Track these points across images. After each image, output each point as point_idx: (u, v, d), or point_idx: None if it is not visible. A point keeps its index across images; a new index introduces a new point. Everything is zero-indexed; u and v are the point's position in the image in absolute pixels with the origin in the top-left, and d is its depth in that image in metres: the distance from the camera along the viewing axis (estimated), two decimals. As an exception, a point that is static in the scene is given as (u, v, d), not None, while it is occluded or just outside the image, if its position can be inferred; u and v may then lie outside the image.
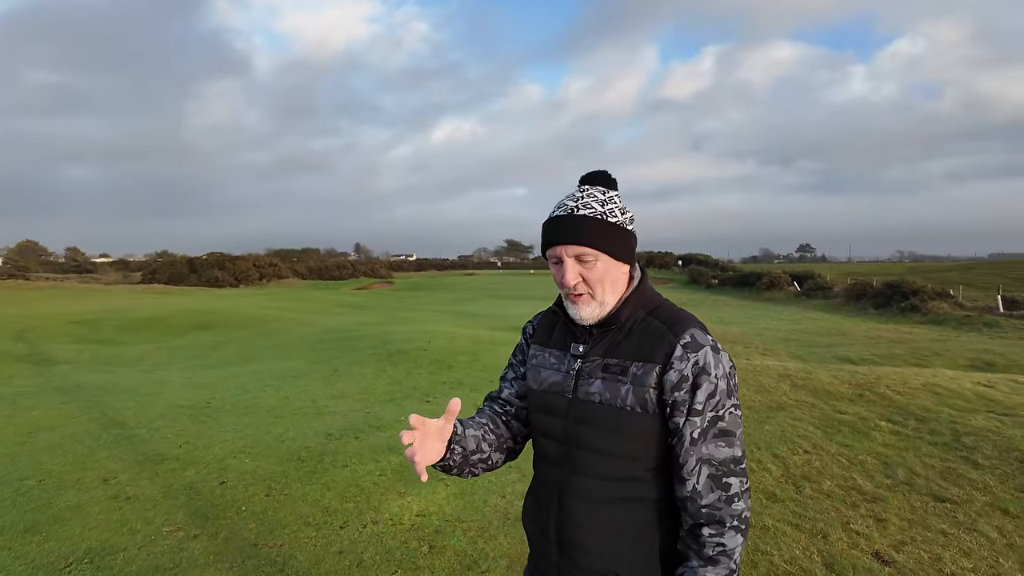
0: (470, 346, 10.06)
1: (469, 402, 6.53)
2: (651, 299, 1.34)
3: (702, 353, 1.22)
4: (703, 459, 1.21)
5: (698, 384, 1.21)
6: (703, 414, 1.22)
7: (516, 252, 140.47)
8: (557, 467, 1.35)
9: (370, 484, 4.15)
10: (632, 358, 1.27)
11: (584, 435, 1.30)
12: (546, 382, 1.40)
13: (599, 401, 1.28)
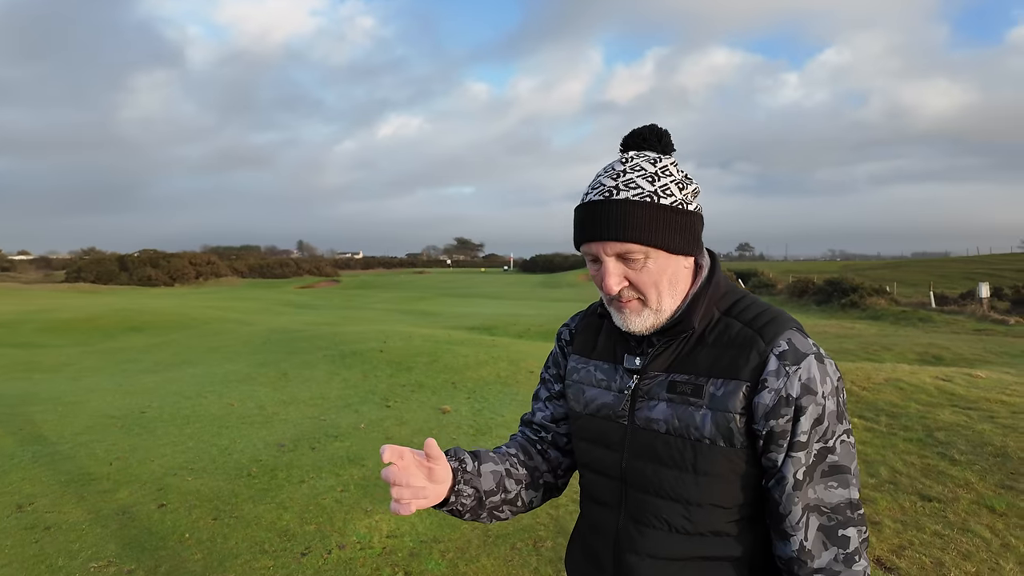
0: (428, 346, 9.67)
1: (429, 406, 6.19)
2: (727, 293, 1.04)
3: (805, 365, 0.93)
4: (811, 506, 0.93)
5: (802, 408, 0.92)
6: (808, 447, 0.92)
7: (466, 250, 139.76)
8: (614, 512, 1.06)
9: (332, 502, 3.76)
10: (708, 373, 0.97)
11: (648, 475, 1.00)
12: (593, 404, 1.10)
13: (665, 431, 0.98)
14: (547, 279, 52.75)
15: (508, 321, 14.87)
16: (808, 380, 0.92)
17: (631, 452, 1.03)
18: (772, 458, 0.94)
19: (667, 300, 1.00)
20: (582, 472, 1.15)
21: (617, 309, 1.02)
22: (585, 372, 1.13)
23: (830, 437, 0.93)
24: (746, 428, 0.94)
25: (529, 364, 7.93)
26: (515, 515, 1.14)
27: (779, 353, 0.93)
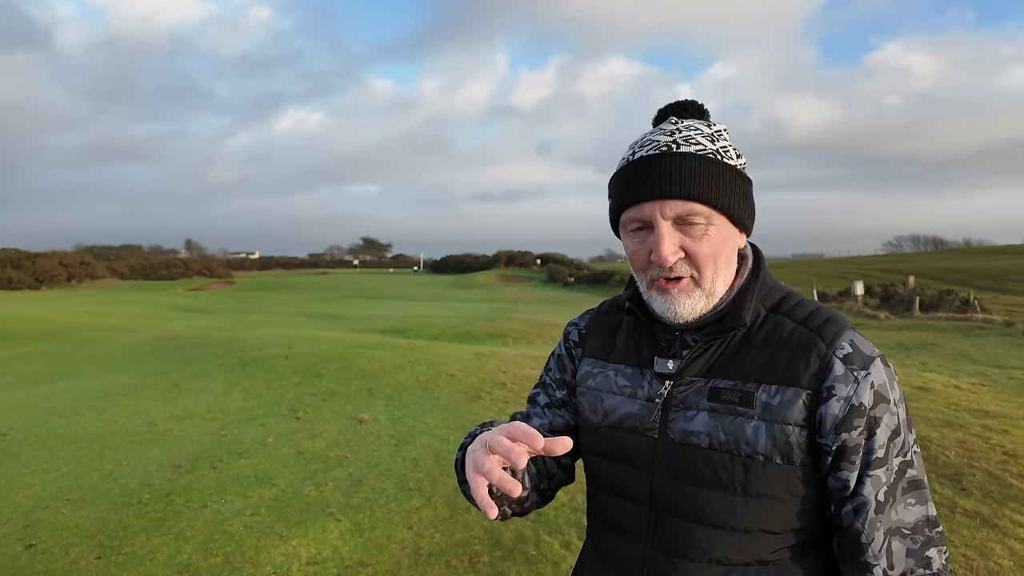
0: (339, 351, 9.18)
1: (343, 415, 5.82)
2: (773, 288, 0.92)
3: (874, 370, 0.82)
4: (893, 529, 0.81)
5: (877, 419, 0.81)
6: (888, 463, 0.81)
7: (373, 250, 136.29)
8: (640, 543, 0.90)
9: (241, 528, 3.38)
10: (758, 379, 0.84)
11: (687, 498, 0.86)
12: (614, 414, 0.94)
13: (708, 445, 0.85)
14: (459, 280, 52.43)
15: (423, 323, 14.51)
16: (880, 387, 0.82)
17: (664, 471, 0.88)
18: (843, 477, 0.81)
19: (720, 282, 0.87)
20: (596, 495, 0.99)
21: (660, 291, 0.87)
22: (603, 378, 0.98)
23: (907, 449, 0.83)
24: (808, 442, 0.82)
25: (449, 367, 7.71)
26: (512, 516, 0.97)
27: (843, 356, 0.82)
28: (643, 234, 0.87)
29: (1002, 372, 7.83)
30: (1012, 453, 4.36)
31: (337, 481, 4.07)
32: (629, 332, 0.98)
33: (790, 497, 0.83)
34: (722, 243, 0.86)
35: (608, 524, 0.96)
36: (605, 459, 0.96)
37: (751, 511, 0.83)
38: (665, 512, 0.88)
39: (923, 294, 20.46)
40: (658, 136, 0.87)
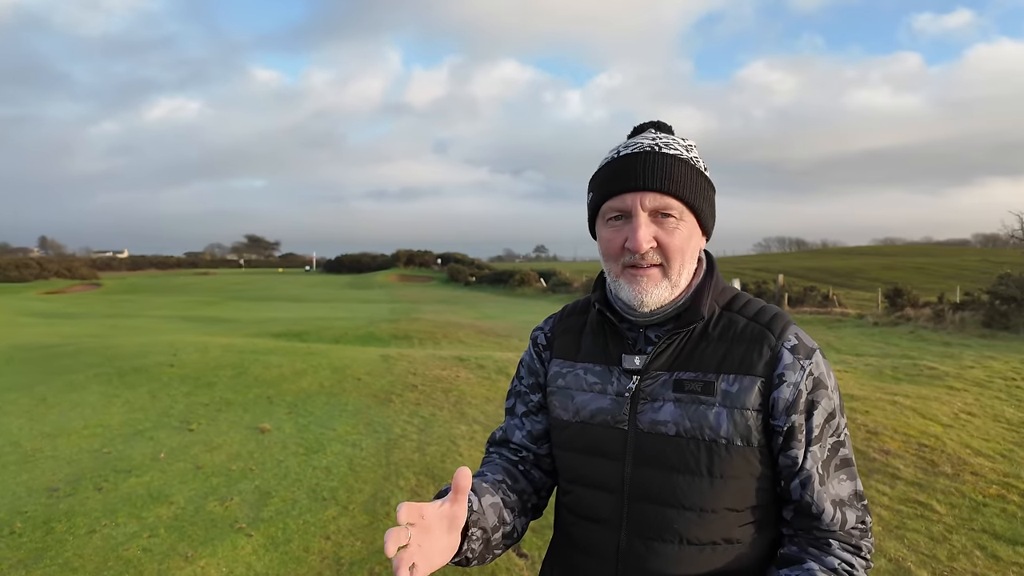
0: (231, 357, 8.64)
1: (242, 425, 5.51)
2: (725, 288, 1.02)
3: (815, 360, 0.93)
4: (838, 501, 0.93)
5: (816, 402, 0.92)
6: (823, 441, 0.92)
7: (260, 249, 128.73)
8: (613, 530, 0.96)
9: (138, 552, 3.11)
10: (717, 369, 0.93)
11: (656, 482, 0.93)
12: (586, 410, 1.00)
13: (675, 433, 0.92)
14: (355, 280, 50.87)
15: (320, 326, 13.95)
16: (820, 375, 0.93)
17: (635, 460, 0.95)
18: (792, 455, 0.91)
19: (684, 276, 0.96)
20: (569, 488, 1.04)
21: (630, 279, 0.94)
22: (573, 377, 1.03)
23: (840, 431, 0.94)
24: (763, 425, 0.91)
25: (355, 371, 7.50)
26: (507, 549, 1.00)
27: (791, 347, 0.93)
28: (620, 223, 0.95)
29: (860, 359, 8.85)
30: (874, 431, 4.96)
31: (243, 495, 3.86)
32: (595, 332, 1.04)
33: (749, 476, 0.92)
34: (688, 239, 0.95)
35: (581, 515, 1.01)
36: (578, 453, 1.01)
37: (716, 491, 0.91)
38: (637, 499, 0.95)
39: (790, 291, 22.55)
40: (642, 140, 0.96)
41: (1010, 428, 5.29)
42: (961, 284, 23.91)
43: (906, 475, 4.19)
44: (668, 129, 1.01)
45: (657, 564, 0.93)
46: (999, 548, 3.25)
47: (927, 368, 7.68)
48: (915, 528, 3.47)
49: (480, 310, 22.25)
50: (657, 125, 1.01)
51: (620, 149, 0.97)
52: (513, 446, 1.12)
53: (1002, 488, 3.97)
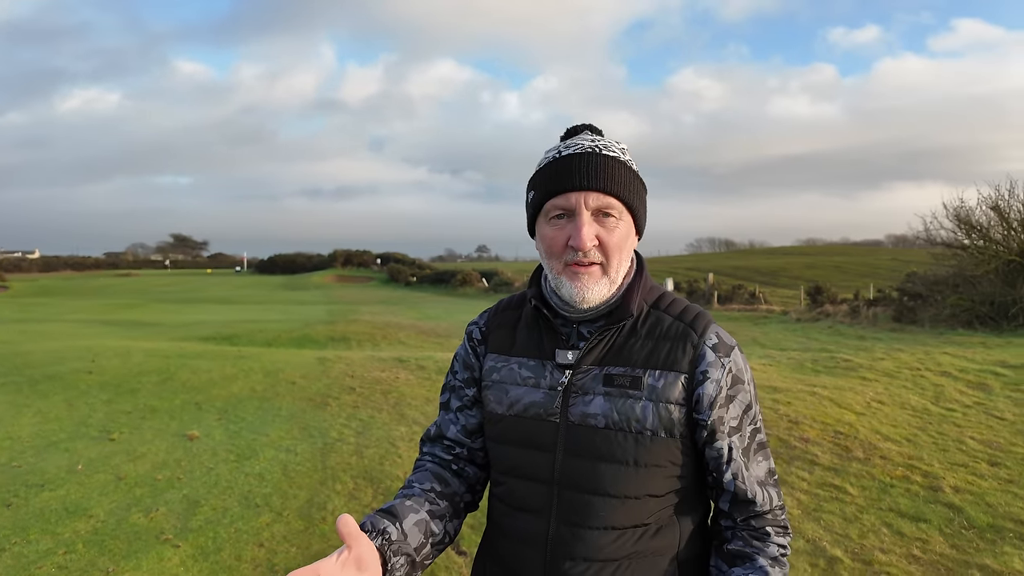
0: (156, 362, 8.23)
1: (169, 433, 5.27)
2: (653, 288, 1.07)
3: (734, 357, 1.00)
4: (761, 481, 1.01)
5: (734, 396, 0.99)
6: (742, 430, 1.00)
7: (186, 248, 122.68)
8: (543, 518, 1.00)
9: (53, 569, 2.94)
10: (645, 365, 0.98)
11: (584, 471, 0.97)
12: (520, 404, 1.03)
13: (605, 425, 0.97)
14: (290, 281, 49.33)
15: (252, 329, 13.48)
16: (738, 370, 1.00)
17: (565, 451, 0.99)
18: (718, 447, 0.98)
19: (621, 273, 1.00)
20: (502, 480, 1.07)
21: (572, 277, 0.98)
22: (508, 371, 1.06)
23: (756, 419, 1.02)
24: (686, 418, 0.97)
25: (289, 374, 7.29)
26: (440, 554, 1.02)
27: (712, 346, 0.99)
28: (563, 221, 0.98)
29: (783, 354, 9.34)
30: (795, 420, 5.26)
31: (170, 505, 3.70)
32: (530, 327, 1.07)
33: (671, 465, 0.98)
34: (626, 238, 1.00)
35: (513, 505, 1.05)
36: (511, 445, 1.04)
37: (640, 479, 0.97)
38: (566, 488, 0.99)
39: (720, 289, 23.52)
40: (581, 141, 1.00)
41: (915, 414, 5.72)
42: (874, 282, 25.60)
43: (823, 461, 4.47)
44: (600, 132, 1.05)
45: (583, 549, 0.97)
46: (903, 525, 3.52)
47: (843, 361, 8.19)
48: (830, 510, 3.71)
49: (421, 310, 22.06)
50: (590, 128, 1.05)
51: (561, 149, 1.00)
52: (447, 442, 1.14)
53: (907, 470, 4.30)
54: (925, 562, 3.11)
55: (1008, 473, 4.28)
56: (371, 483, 4.08)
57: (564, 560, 0.98)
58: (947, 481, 4.09)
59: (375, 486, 4.02)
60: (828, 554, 3.17)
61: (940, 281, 12.89)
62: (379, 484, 4.05)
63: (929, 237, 13.38)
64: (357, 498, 3.84)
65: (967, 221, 12.45)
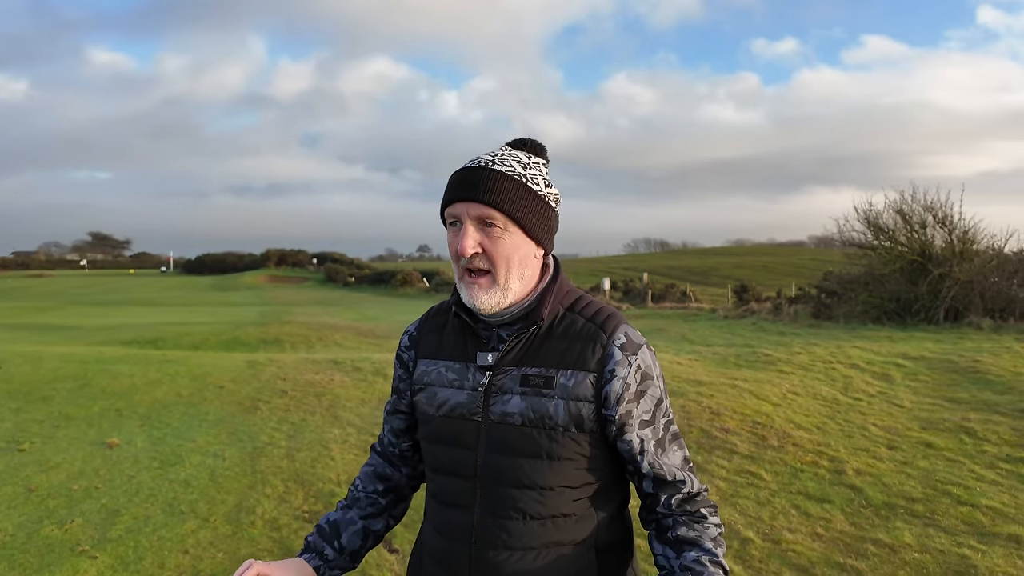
0: (71, 368, 7.78)
1: (86, 441, 5.03)
2: (570, 291, 1.14)
3: (642, 354, 1.07)
4: (678, 466, 1.08)
5: (644, 391, 1.06)
6: (655, 423, 1.07)
7: (106, 248, 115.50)
8: (466, 512, 1.08)
9: (-46, 589, 2.78)
10: (558, 365, 1.05)
11: (503, 466, 1.05)
12: (447, 405, 1.10)
13: (521, 423, 1.04)
14: (220, 281, 47.37)
15: (178, 332, 12.91)
16: (646, 367, 1.07)
17: (487, 448, 1.06)
18: (628, 439, 1.05)
19: (515, 281, 1.05)
20: (432, 477, 1.15)
21: (468, 285, 1.05)
22: (436, 374, 1.13)
23: (668, 411, 1.10)
24: (595, 414, 1.04)
25: (217, 378, 7.06)
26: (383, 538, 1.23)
27: (620, 345, 1.06)
28: (456, 229, 1.06)
29: (709, 349, 9.77)
30: (717, 412, 5.55)
31: (87, 515, 3.55)
32: (456, 332, 1.14)
33: (582, 458, 1.06)
34: (515, 248, 1.05)
35: (442, 501, 1.12)
36: (439, 444, 1.12)
37: (554, 472, 1.04)
38: (488, 482, 1.06)
39: (654, 288, 24.29)
40: (483, 156, 1.07)
41: (825, 404, 6.15)
42: (797, 281, 27.08)
43: (741, 450, 4.74)
44: (534, 146, 1.11)
45: (505, 539, 1.05)
46: (810, 506, 3.80)
47: (763, 355, 8.67)
48: (746, 495, 3.95)
49: (360, 311, 21.70)
50: (522, 142, 1.11)
51: (466, 163, 1.08)
52: (387, 442, 1.26)
53: (816, 456, 4.63)
54: (827, 539, 3.38)
55: (903, 456, 4.68)
56: (302, 486, 4.03)
57: (488, 550, 1.05)
58: (850, 465, 4.43)
59: (306, 489, 3.99)
60: (741, 535, 3.39)
61: (853, 280, 13.79)
62: (311, 487, 4.02)
63: (843, 238, 14.30)
64: (288, 501, 3.80)
65: (875, 224, 13.37)
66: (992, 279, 11.68)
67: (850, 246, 14.16)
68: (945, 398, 6.34)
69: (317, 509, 3.68)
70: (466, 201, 1.03)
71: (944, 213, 12.59)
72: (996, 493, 3.95)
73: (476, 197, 1.02)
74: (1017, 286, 11.51)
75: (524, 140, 1.12)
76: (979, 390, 6.55)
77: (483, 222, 1.04)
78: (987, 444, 4.88)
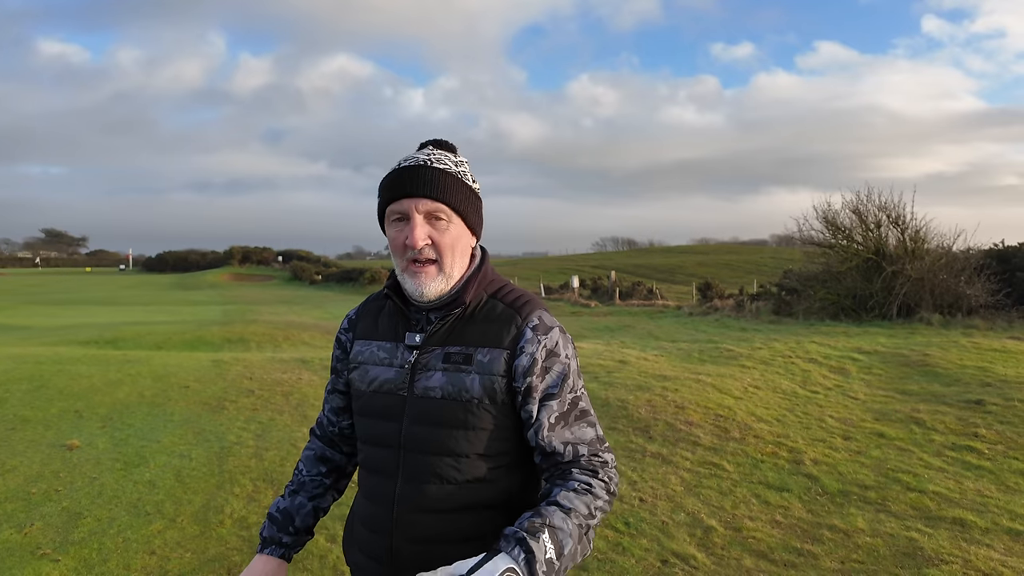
0: (26, 369, 7.53)
1: (44, 444, 4.89)
2: (494, 280, 1.23)
3: (551, 335, 1.15)
4: (571, 442, 1.14)
5: (550, 367, 1.14)
6: (561, 396, 1.14)
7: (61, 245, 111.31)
8: (392, 479, 1.16)
9: (-91, 596, 2.69)
10: (477, 344, 1.14)
11: (424, 436, 1.13)
12: (376, 381, 1.19)
13: (441, 396, 1.13)
14: (181, 280, 46.16)
15: (139, 331, 12.56)
16: (554, 346, 1.15)
17: (410, 419, 1.14)
18: (529, 409, 1.13)
19: (457, 267, 1.16)
20: (362, 448, 1.23)
21: (413, 274, 1.13)
22: (369, 353, 1.22)
23: (577, 389, 1.17)
24: (507, 387, 1.13)
25: (182, 378, 6.93)
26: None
27: (532, 326, 1.15)
28: (401, 224, 1.14)
29: (674, 345, 9.98)
30: (681, 406, 5.69)
31: (48, 519, 3.47)
32: (390, 315, 1.24)
33: (495, 428, 1.14)
34: (458, 238, 1.15)
35: (370, 469, 1.21)
36: (368, 418, 1.21)
37: (470, 441, 1.13)
38: (410, 451, 1.15)
39: (621, 286, 24.59)
40: (418, 155, 1.16)
41: (784, 397, 6.36)
42: (759, 278, 27.73)
43: (705, 442, 4.89)
44: (448, 146, 1.21)
45: (425, 503, 1.13)
46: (770, 495, 3.95)
47: (726, 350, 8.89)
48: (709, 486, 4.08)
49: (327, 310, 21.43)
50: (436, 143, 1.21)
51: (401, 162, 1.17)
52: (327, 423, 1.35)
53: (775, 447, 4.80)
54: (785, 526, 3.52)
55: (857, 445, 4.88)
56: (271, 485, 4.01)
57: (409, 512, 1.14)
58: (808, 455, 4.61)
59: (276, 488, 3.96)
60: (705, 524, 3.51)
61: (812, 277, 14.22)
62: (279, 485, 4.00)
63: (802, 237, 14.72)
64: (257, 500, 3.78)
65: (833, 223, 13.82)
66: (941, 276, 12.18)
67: (809, 245, 14.59)
68: (897, 390, 6.63)
69: (287, 507, 3.67)
70: (414, 197, 1.12)
71: (897, 213, 13.08)
72: (942, 479, 4.17)
73: (425, 193, 1.11)
74: (964, 283, 12.03)
75: (439, 140, 1.22)
76: (928, 382, 6.86)
77: (431, 216, 1.13)
78: (935, 433, 5.14)
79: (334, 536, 3.29)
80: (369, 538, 1.19)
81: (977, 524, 3.48)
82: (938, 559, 3.09)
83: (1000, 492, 3.97)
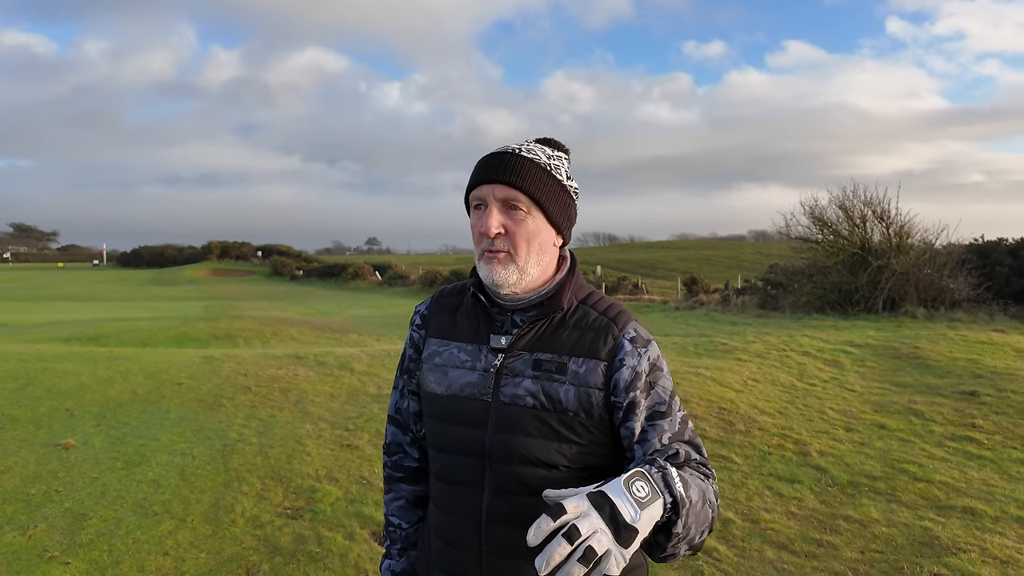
0: (9, 367, 7.30)
1: (38, 443, 4.74)
2: (583, 286, 1.18)
3: (652, 348, 1.10)
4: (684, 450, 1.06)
5: (655, 382, 1.08)
6: (671, 417, 1.08)
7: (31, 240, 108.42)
8: (476, 489, 1.09)
9: (-87, 603, 2.58)
10: (570, 353, 1.08)
11: (513, 445, 1.07)
12: (456, 384, 1.12)
13: (532, 405, 1.06)
14: (158, 275, 45.29)
15: (121, 328, 12.27)
16: (655, 360, 1.10)
17: (494, 427, 1.08)
18: (631, 426, 1.06)
19: (533, 264, 1.09)
20: (436, 457, 1.16)
21: (487, 261, 1.08)
22: (448, 354, 1.15)
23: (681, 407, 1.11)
24: (604, 401, 1.07)
25: (175, 375, 6.77)
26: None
27: (630, 338, 1.09)
28: (481, 211, 1.09)
29: (667, 339, 10.02)
30: (684, 399, 5.70)
31: (51, 520, 3.36)
32: (469, 314, 1.16)
33: (588, 442, 1.07)
34: (536, 232, 1.08)
35: (448, 480, 1.14)
36: (446, 423, 1.13)
37: (563, 453, 1.06)
38: (497, 460, 1.08)
39: (607, 280, 24.68)
40: (510, 144, 1.11)
41: (784, 390, 6.42)
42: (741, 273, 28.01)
43: (711, 434, 4.91)
44: (553, 143, 1.16)
45: (515, 514, 1.06)
46: (781, 487, 3.97)
47: (720, 344, 8.96)
48: (721, 478, 4.09)
49: (311, 305, 21.19)
50: (546, 140, 1.16)
51: (492, 150, 1.12)
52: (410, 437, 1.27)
53: (781, 439, 4.83)
54: (801, 517, 3.54)
55: (860, 437, 4.94)
56: (280, 482, 3.93)
57: (498, 525, 1.08)
58: (813, 447, 4.66)
59: (285, 485, 3.89)
60: (722, 516, 3.52)
61: (798, 272, 14.39)
62: (289, 483, 3.92)
63: (789, 232, 14.89)
64: (267, 498, 3.69)
65: (820, 218, 14.00)
66: (925, 271, 12.41)
67: (795, 240, 14.76)
68: (891, 382, 6.73)
69: (299, 505, 3.60)
70: (492, 183, 1.07)
71: (882, 208, 13.29)
72: (947, 469, 4.23)
73: (502, 179, 1.06)
74: (947, 277, 12.27)
75: (548, 139, 1.17)
76: (921, 374, 6.98)
77: (508, 204, 1.07)
78: (934, 424, 5.22)
79: (352, 534, 3.23)
80: (456, 557, 1.12)
81: (987, 513, 3.54)
82: (955, 548, 3.13)
83: (1004, 481, 4.04)
